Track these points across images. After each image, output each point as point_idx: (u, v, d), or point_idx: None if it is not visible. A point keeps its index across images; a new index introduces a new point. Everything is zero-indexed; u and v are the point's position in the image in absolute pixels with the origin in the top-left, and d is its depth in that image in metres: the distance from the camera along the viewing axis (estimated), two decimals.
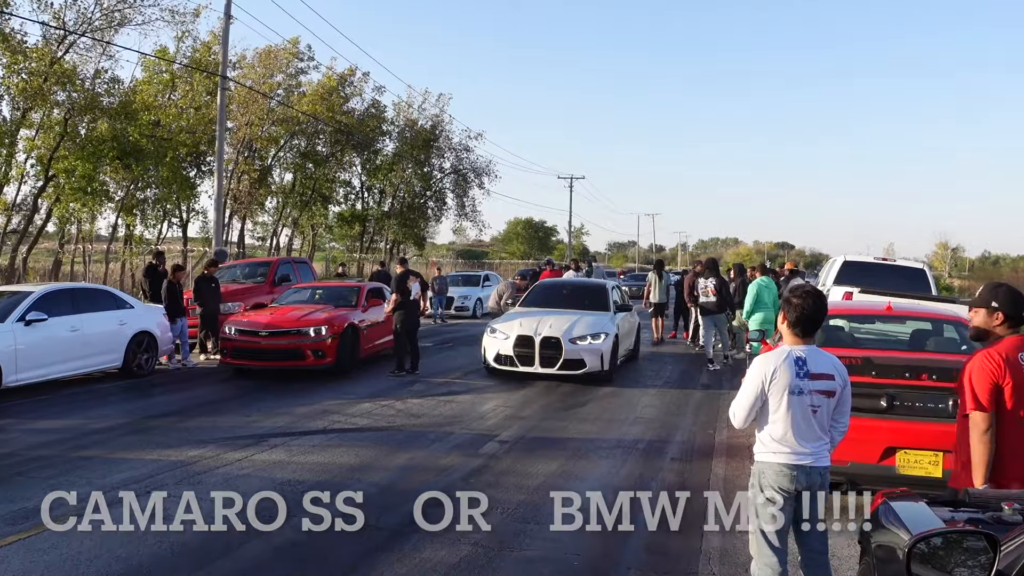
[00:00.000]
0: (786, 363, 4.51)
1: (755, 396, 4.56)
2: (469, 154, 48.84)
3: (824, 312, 4.60)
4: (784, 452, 4.53)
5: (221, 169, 25.21)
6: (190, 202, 36.19)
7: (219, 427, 10.13)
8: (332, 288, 17.10)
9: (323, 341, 14.24)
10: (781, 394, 4.50)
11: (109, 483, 7.50)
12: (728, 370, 15.88)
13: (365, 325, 15.58)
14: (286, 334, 14.25)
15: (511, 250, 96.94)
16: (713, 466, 8.60)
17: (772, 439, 4.57)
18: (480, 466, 8.40)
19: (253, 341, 14.24)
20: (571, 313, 14.80)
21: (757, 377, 4.56)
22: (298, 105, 37.39)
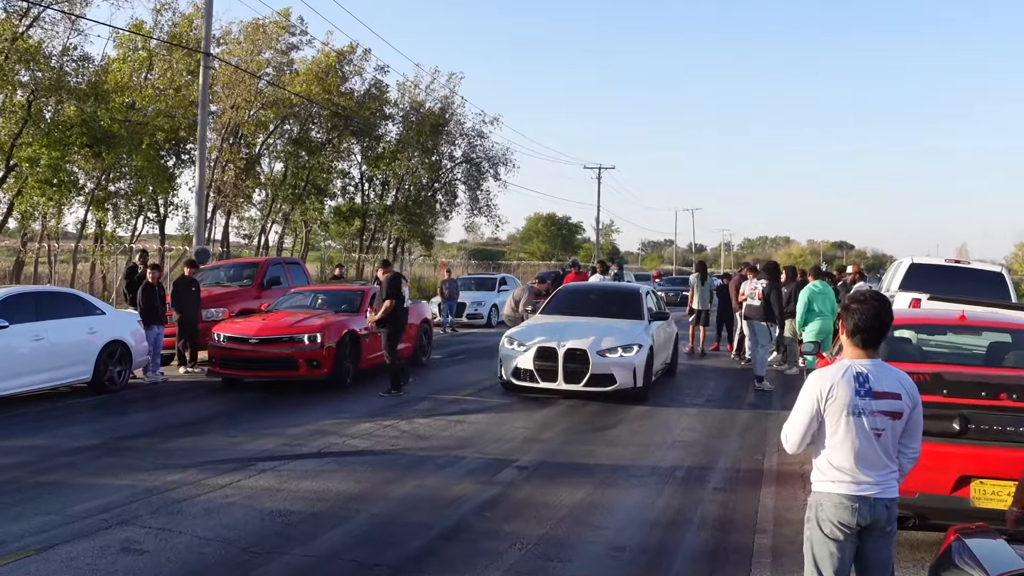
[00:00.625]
0: (845, 379, 4.45)
1: (809, 417, 4.51)
2: (483, 141, 48.94)
3: (888, 320, 4.52)
4: (844, 481, 4.47)
5: (203, 158, 25.34)
6: (168, 195, 36.45)
7: (200, 449, 10.17)
8: (334, 292, 17.36)
9: (318, 349, 14.34)
10: (839, 415, 4.44)
11: (76, 512, 7.55)
12: (778, 387, 15.82)
13: (367, 333, 15.64)
14: (278, 341, 14.43)
15: (531, 249, 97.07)
16: (762, 497, 8.58)
17: (830, 466, 4.51)
18: (496, 495, 8.40)
19: (242, 349, 14.45)
20: (599, 322, 14.80)
21: (811, 395, 4.51)
22: (290, 86, 37.62)
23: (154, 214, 38.05)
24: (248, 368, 14.57)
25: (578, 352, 13.62)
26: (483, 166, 49.32)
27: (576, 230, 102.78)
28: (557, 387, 13.73)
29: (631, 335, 14.15)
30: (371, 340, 15.75)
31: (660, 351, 15.33)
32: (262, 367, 14.51)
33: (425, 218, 48.24)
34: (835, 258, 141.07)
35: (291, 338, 14.43)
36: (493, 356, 15.93)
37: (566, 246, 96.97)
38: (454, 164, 49.50)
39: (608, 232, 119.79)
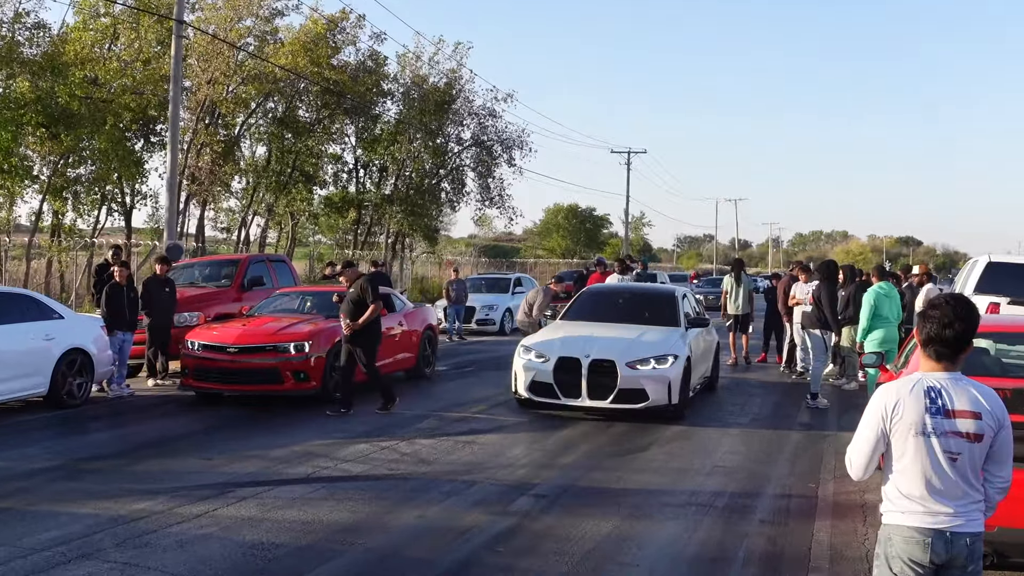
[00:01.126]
0: (914, 395, 4.40)
1: (874, 437, 4.47)
2: (495, 121, 48.95)
3: (970, 329, 4.40)
4: (916, 512, 4.40)
5: (176, 140, 25.45)
6: (135, 182, 36.52)
7: (172, 473, 10.20)
8: (326, 294, 17.19)
9: (306, 360, 14.32)
10: (906, 435, 4.38)
11: (31, 544, 7.57)
12: (835, 405, 15.77)
13: None
14: (260, 351, 14.45)
15: (550, 246, 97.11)
16: (815, 530, 8.54)
17: (899, 494, 4.45)
18: (510, 527, 8.40)
19: (219, 359, 14.50)
20: (629, 329, 14.80)
21: (876, 412, 4.48)
22: (274, 57, 37.64)
23: (119, 204, 38.17)
24: (226, 381, 14.58)
25: (605, 364, 13.60)
26: (495, 150, 49.34)
27: (602, 223, 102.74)
28: (580, 404, 13.73)
29: (665, 344, 14.14)
30: None
31: (699, 363, 15.32)
32: (241, 380, 14.52)
33: (429, 209, 48.25)
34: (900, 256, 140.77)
35: (275, 347, 14.43)
36: (506, 368, 15.93)
37: (590, 242, 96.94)
38: (462, 147, 49.56)
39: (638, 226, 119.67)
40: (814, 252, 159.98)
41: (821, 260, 17.81)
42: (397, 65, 46.75)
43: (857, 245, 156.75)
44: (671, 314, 15.55)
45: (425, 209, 47.64)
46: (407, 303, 19.17)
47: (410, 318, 18.17)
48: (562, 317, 16.15)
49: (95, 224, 37.94)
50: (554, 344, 14.23)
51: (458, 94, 47.38)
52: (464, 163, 50.26)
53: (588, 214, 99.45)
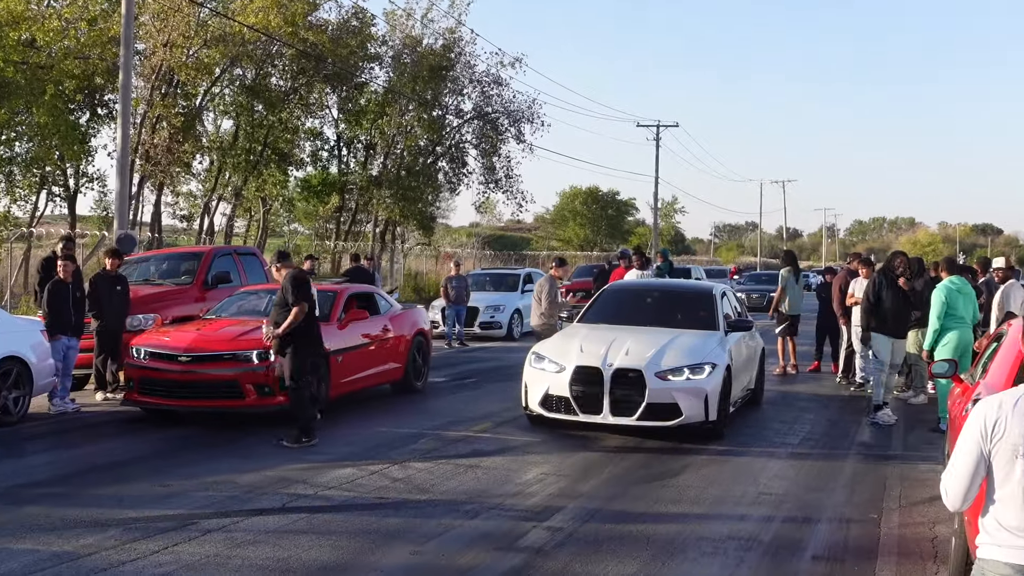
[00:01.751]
0: (1018, 410, 4.36)
1: (974, 461, 4.40)
2: (501, 90, 49.11)
3: None
4: (1017, 547, 4.36)
5: (127, 112, 25.51)
6: (80, 162, 36.59)
7: (125, 501, 10.22)
8: None
9: (271, 371, 14.10)
10: (1010, 458, 4.33)
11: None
12: (900, 421, 15.76)
13: (340, 348, 15.57)
14: (216, 359, 14.35)
15: (566, 236, 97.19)
16: (878, 569, 8.56)
17: (999, 526, 4.39)
18: (519, 566, 8.41)
19: (169, 370, 14.33)
20: (659, 332, 14.79)
21: (974, 432, 4.42)
22: (241, 16, 37.69)
23: (62, 188, 38.25)
24: (176, 395, 14.43)
25: (630, 374, 13.59)
26: (501, 123, 49.44)
27: (626, 209, 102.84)
28: (602, 420, 13.70)
29: (702, 351, 14.15)
30: (347, 358, 15.77)
31: (740, 373, 15.34)
32: (195, 394, 14.37)
33: (423, 193, 48.33)
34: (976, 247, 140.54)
35: (234, 355, 14.31)
36: (515, 379, 15.96)
37: (613, 231, 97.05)
38: (462, 121, 49.67)
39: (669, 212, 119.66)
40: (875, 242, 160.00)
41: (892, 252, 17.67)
42: (385, 24, 46.87)
43: (926, 234, 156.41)
44: (708, 316, 15.56)
45: (419, 193, 47.68)
46: (394, 304, 18.99)
47: (397, 322, 18.01)
48: (580, 319, 16.16)
49: (34, 211, 38.04)
50: (570, 350, 14.21)
51: (457, 58, 47.46)
52: (465, 139, 50.42)
53: (610, 199, 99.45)
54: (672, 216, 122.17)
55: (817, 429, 15.27)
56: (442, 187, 51.03)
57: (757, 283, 48.61)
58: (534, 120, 49.44)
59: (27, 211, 37.64)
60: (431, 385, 19.21)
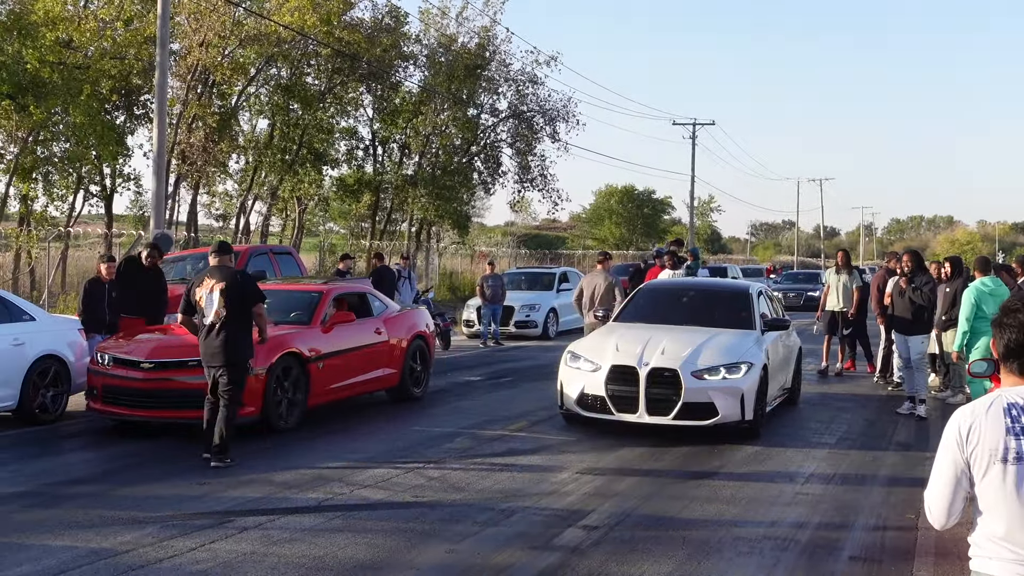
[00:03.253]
0: (992, 415, 4.25)
1: (953, 473, 4.29)
2: (536, 89, 49.07)
3: None
4: (1003, 558, 4.24)
5: (164, 112, 25.63)
6: (117, 162, 36.78)
7: (162, 499, 10.29)
8: (286, 294, 16.43)
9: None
10: (986, 465, 4.25)
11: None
12: (938, 421, 15.69)
13: (322, 354, 14.75)
14: (180, 366, 13.33)
15: (601, 234, 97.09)
16: (915, 570, 8.54)
17: (985, 537, 4.28)
18: (555, 565, 8.42)
19: (130, 377, 13.41)
20: (695, 332, 14.77)
21: (950, 441, 4.29)
22: (277, 15, 37.77)
23: (98, 188, 38.47)
24: (137, 405, 13.42)
25: (666, 373, 13.59)
26: (536, 122, 49.39)
27: (662, 208, 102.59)
28: (637, 420, 13.70)
29: (738, 350, 14.13)
30: (327, 366, 14.87)
31: (777, 372, 15.31)
32: (156, 404, 13.40)
33: (459, 192, 48.33)
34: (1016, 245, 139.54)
35: (199, 362, 12.82)
36: (550, 378, 15.96)
37: (649, 230, 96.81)
38: (497, 120, 49.65)
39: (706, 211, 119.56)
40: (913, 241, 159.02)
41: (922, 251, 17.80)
42: (420, 23, 46.91)
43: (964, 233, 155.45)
44: (744, 315, 15.52)
45: (454, 192, 47.67)
46: (391, 305, 17.81)
47: (392, 324, 16.95)
48: (616, 318, 16.16)
49: (70, 211, 38.25)
50: (606, 349, 14.22)
51: (492, 57, 47.45)
52: (500, 138, 50.39)
53: (646, 197, 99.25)
54: (708, 215, 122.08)
55: (855, 429, 15.22)
56: (477, 186, 51.04)
57: (794, 282, 48.44)
58: (569, 119, 49.46)
59: (64, 211, 37.86)
60: (467, 384, 19.26)
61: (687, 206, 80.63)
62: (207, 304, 12.08)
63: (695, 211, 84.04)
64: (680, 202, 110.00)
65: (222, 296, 11.94)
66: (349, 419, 15.10)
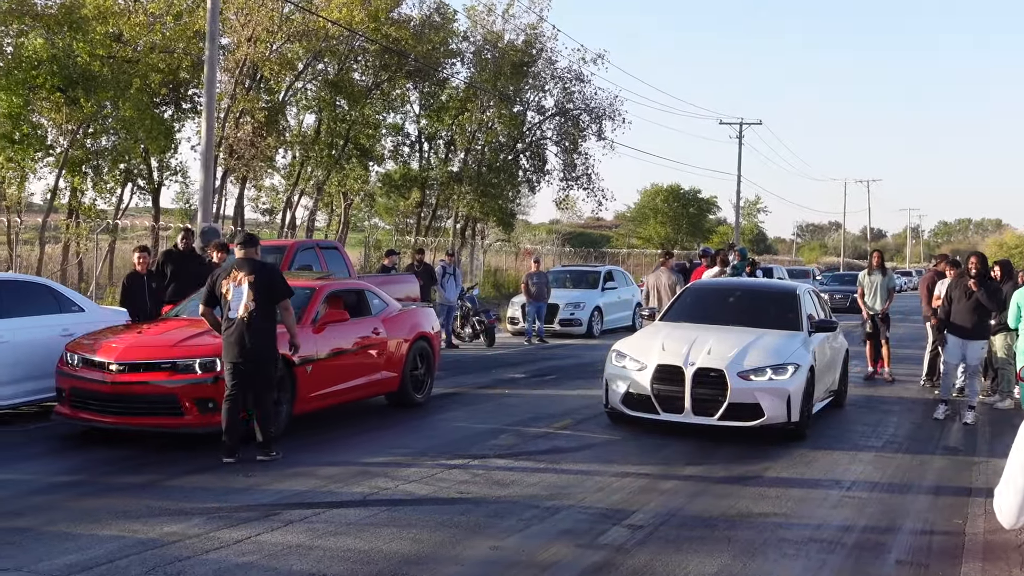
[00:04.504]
0: None
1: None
2: (582, 87, 49.09)
3: None
4: None
5: (212, 106, 25.73)
6: (165, 156, 37.04)
7: (209, 490, 10.40)
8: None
9: (215, 384, 12.19)
10: None
11: (46, 569, 7.78)
12: (986, 425, 15.64)
13: (311, 357, 13.67)
14: (152, 368, 12.35)
15: (646, 233, 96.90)
16: (963, 575, 8.47)
17: None
18: (600, 563, 8.43)
19: (99, 380, 12.44)
20: (741, 332, 14.76)
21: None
22: (325, 11, 37.97)
23: (146, 181, 38.77)
24: (105, 410, 12.45)
25: (712, 373, 13.58)
26: (582, 120, 49.41)
27: (708, 208, 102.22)
28: (683, 419, 13.71)
29: (785, 351, 14.09)
30: (319, 368, 13.82)
31: (823, 374, 15.24)
32: (125, 410, 12.39)
33: (504, 190, 48.43)
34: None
35: (173, 364, 12.27)
36: (594, 377, 15.96)
37: (694, 229, 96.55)
38: (543, 118, 49.67)
39: (752, 211, 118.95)
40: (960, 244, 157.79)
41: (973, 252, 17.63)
42: (467, 20, 46.99)
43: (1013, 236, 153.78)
44: (791, 316, 15.47)
45: (499, 189, 47.78)
46: (391, 303, 16.45)
47: (392, 324, 15.82)
48: (662, 317, 16.15)
49: (118, 204, 38.59)
50: (652, 348, 14.22)
51: (538, 54, 47.49)
52: (545, 136, 50.39)
53: (692, 197, 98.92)
54: (754, 215, 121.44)
55: (901, 431, 15.15)
56: (522, 184, 51.11)
57: (840, 283, 48.14)
58: (615, 117, 49.45)
59: (112, 203, 38.18)
60: (511, 381, 19.29)
61: (733, 206, 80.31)
62: (235, 297, 11.91)
63: (741, 211, 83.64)
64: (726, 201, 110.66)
65: (251, 289, 11.83)
66: (392, 415, 15.16)
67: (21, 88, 28.22)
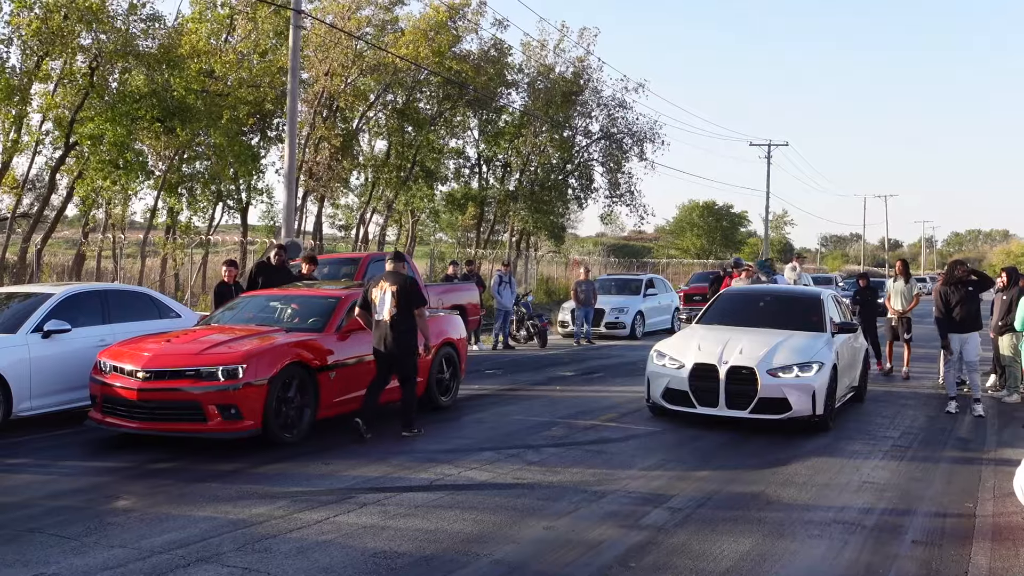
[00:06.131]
0: None
1: None
2: (625, 112, 48.98)
3: None
4: None
5: (294, 134, 25.96)
6: (251, 178, 37.38)
7: (291, 476, 10.51)
8: (299, 299, 14.66)
9: (239, 390, 11.69)
10: None
11: (146, 548, 7.89)
12: (993, 418, 15.49)
13: (332, 362, 13.13)
14: (178, 376, 11.86)
15: (683, 245, 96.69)
16: (973, 554, 8.40)
17: None
18: (643, 542, 8.44)
19: (127, 387, 11.95)
20: (770, 333, 14.71)
21: None
22: (394, 47, 38.16)
23: (235, 201, 39.13)
24: (132, 416, 11.98)
25: (744, 371, 13.57)
26: (625, 143, 49.34)
27: (739, 221, 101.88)
28: (718, 413, 13.71)
29: (810, 351, 14.04)
30: (339, 375, 13.19)
31: (845, 371, 15.16)
32: (150, 416, 11.89)
33: (555, 206, 48.51)
34: None
35: (197, 372, 11.76)
36: (637, 374, 15.96)
37: (727, 241, 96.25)
38: (590, 141, 49.65)
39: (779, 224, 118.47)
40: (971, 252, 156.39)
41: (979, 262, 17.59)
42: (521, 54, 47.13)
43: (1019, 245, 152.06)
44: (816, 319, 15.43)
45: (551, 206, 47.90)
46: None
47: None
48: (698, 321, 16.15)
49: (210, 221, 38.98)
50: (689, 348, 14.24)
51: (586, 84, 47.52)
52: (592, 158, 50.37)
53: (725, 211, 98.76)
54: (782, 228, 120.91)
55: (917, 424, 15.01)
56: (571, 201, 51.10)
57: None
58: (655, 140, 49.28)
59: (204, 221, 38.57)
60: (562, 379, 19.33)
61: (762, 219, 79.97)
62: (380, 303, 13.05)
63: (770, 224, 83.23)
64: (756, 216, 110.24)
65: (394, 297, 12.95)
66: (454, 411, 15.20)
67: (125, 120, 28.57)
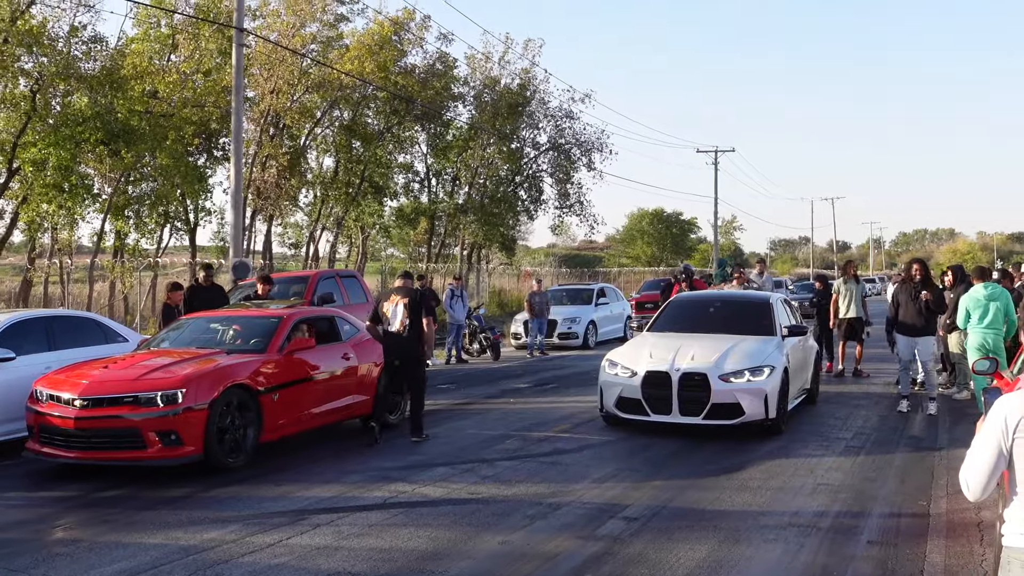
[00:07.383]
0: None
1: (994, 457, 4.34)
2: (573, 123, 49.21)
3: None
4: None
5: (239, 153, 25.81)
6: (199, 199, 37.13)
7: (243, 499, 10.38)
8: (242, 319, 14.23)
9: (176, 416, 11.21)
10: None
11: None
12: (945, 416, 15.59)
13: (276, 384, 12.67)
14: (114, 403, 11.34)
15: (634, 253, 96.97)
16: (928, 552, 8.44)
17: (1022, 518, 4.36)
18: (599, 552, 8.41)
19: (63, 416, 11.38)
20: (721, 339, 14.71)
21: (996, 428, 4.35)
22: (339, 64, 38.13)
23: (183, 222, 38.85)
24: (69, 446, 11.42)
25: (696, 377, 13.55)
26: (573, 153, 49.55)
27: (690, 228, 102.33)
28: (671, 420, 13.67)
29: (761, 355, 14.06)
30: (283, 397, 12.71)
31: (797, 374, 15.20)
32: (88, 445, 11.35)
33: (505, 218, 48.57)
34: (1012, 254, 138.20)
35: (135, 398, 11.26)
36: (591, 384, 15.93)
37: (677, 248, 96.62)
38: (538, 152, 49.78)
39: (729, 229, 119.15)
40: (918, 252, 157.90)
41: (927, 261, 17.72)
42: (467, 67, 47.17)
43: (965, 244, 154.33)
44: (766, 322, 15.46)
45: (501, 218, 47.98)
46: (362, 329, 15.08)
47: (362, 349, 14.70)
48: (649, 328, 16.14)
49: (159, 243, 38.66)
50: (641, 356, 14.22)
51: (532, 95, 47.67)
52: (541, 169, 50.52)
53: (674, 219, 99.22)
54: (731, 233, 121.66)
55: (869, 424, 15.09)
56: (521, 212, 51.16)
57: (810, 292, 48.03)
58: (603, 149, 49.57)
59: (153, 243, 38.26)
60: (516, 391, 19.28)
61: (712, 226, 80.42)
62: (392, 315, 13.97)
63: (719, 230, 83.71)
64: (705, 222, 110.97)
65: (406, 309, 13.90)
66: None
67: (69, 143, 28.26)
